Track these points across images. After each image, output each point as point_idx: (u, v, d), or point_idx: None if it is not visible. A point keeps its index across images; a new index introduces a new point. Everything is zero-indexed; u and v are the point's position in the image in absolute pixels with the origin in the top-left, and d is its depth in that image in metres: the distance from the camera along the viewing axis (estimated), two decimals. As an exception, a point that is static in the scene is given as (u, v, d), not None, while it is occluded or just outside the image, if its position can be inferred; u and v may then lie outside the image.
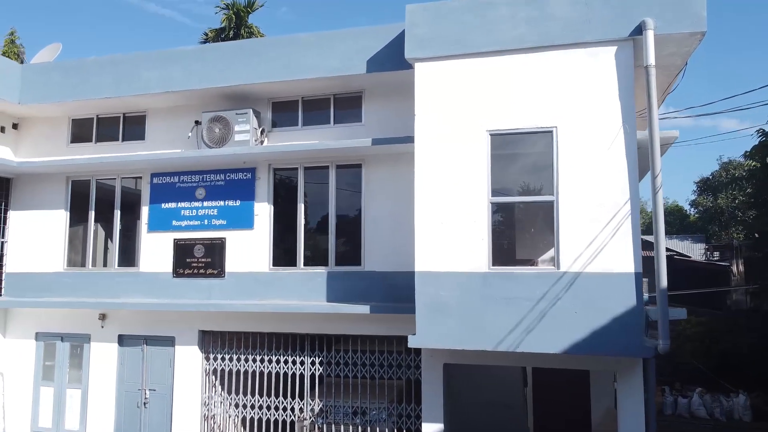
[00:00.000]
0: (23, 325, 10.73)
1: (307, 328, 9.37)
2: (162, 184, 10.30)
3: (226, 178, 10.00)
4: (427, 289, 7.76)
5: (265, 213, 9.79)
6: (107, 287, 10.36)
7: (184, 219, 10.12)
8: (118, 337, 10.21)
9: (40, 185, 10.96)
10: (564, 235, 7.39)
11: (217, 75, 9.49)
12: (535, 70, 7.69)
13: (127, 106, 10.52)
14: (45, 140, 11.07)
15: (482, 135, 7.79)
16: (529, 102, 7.67)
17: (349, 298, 9.19)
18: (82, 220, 10.84)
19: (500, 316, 7.46)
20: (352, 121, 9.63)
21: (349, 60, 8.90)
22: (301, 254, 9.62)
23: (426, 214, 7.88)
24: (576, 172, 7.41)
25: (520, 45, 7.72)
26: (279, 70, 9.20)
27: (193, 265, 9.98)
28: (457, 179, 7.80)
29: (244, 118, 9.49)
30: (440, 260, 7.76)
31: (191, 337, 9.84)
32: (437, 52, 8.01)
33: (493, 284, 7.55)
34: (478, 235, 7.68)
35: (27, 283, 10.80)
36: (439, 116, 7.97)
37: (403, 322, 8.81)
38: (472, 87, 7.89)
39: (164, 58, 9.84)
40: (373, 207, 9.33)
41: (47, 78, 10.35)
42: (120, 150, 10.62)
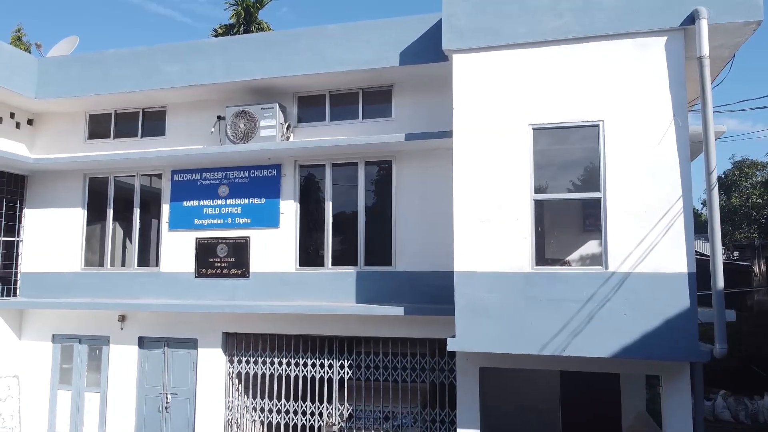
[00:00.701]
0: (39, 326, 10.39)
1: (335, 330, 9.05)
2: (183, 181, 9.98)
3: (250, 175, 9.67)
4: (466, 290, 7.44)
5: (291, 211, 9.47)
6: (126, 288, 10.04)
7: (207, 217, 9.80)
8: (139, 339, 9.88)
9: (56, 183, 10.63)
10: (612, 234, 7.07)
11: (242, 68, 9.16)
12: (579, 61, 7.37)
13: (147, 101, 10.19)
14: (61, 136, 10.74)
15: (524, 129, 7.47)
16: (573, 95, 7.35)
17: (379, 299, 8.87)
18: (100, 218, 10.52)
19: (545, 318, 7.14)
20: (382, 116, 9.31)
21: (382, 52, 8.59)
22: (328, 254, 9.30)
23: (465, 212, 7.56)
24: (624, 168, 7.09)
25: (564, 36, 7.40)
26: (307, 63, 8.88)
27: (216, 265, 9.65)
28: (497, 175, 7.48)
29: (270, 112, 9.17)
30: (481, 260, 7.44)
31: (214, 339, 9.52)
32: (476, 44, 7.69)
33: (536, 285, 7.24)
34: (520, 233, 7.36)
35: (43, 283, 10.48)
36: (479, 110, 7.65)
37: (436, 324, 8.52)
38: (513, 79, 7.57)
39: (187, 51, 9.52)
40: (404, 205, 9.01)
41: (65, 72, 10.02)
42: (139, 146, 10.29)
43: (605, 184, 7.14)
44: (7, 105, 10.29)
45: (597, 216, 7.49)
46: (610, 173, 7.13)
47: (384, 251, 9.14)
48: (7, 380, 10.06)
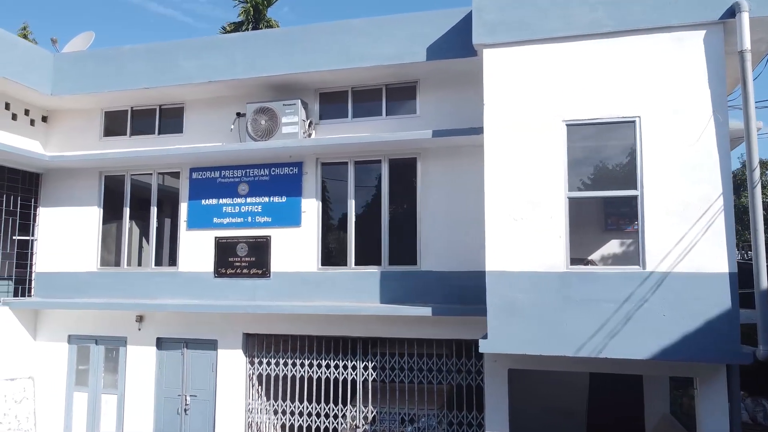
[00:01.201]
0: (55, 327, 10.21)
1: (358, 331, 8.87)
2: (202, 179, 9.79)
3: (270, 172, 9.49)
4: (499, 290, 7.26)
5: (313, 209, 9.29)
6: (143, 288, 9.85)
7: (226, 216, 9.61)
8: (157, 340, 9.70)
9: (71, 181, 10.44)
10: (650, 233, 6.89)
11: (263, 64, 8.97)
12: (614, 56, 7.18)
13: (164, 98, 9.99)
14: (76, 134, 10.55)
15: (558, 125, 7.29)
16: (608, 90, 7.17)
17: (404, 299, 8.69)
18: (116, 217, 10.33)
19: (580, 319, 6.96)
20: (406, 112, 9.13)
21: (407, 47, 8.40)
22: (351, 253, 9.11)
23: (497, 210, 7.38)
24: (662, 165, 6.90)
25: (598, 30, 7.21)
26: (331, 59, 8.69)
27: (236, 265, 9.47)
28: (530, 172, 7.30)
29: (292, 109, 8.98)
30: (513, 259, 7.26)
31: (235, 340, 9.34)
32: (508, 38, 7.51)
33: (571, 285, 7.06)
34: (554, 232, 7.18)
35: (58, 283, 10.29)
36: (511, 106, 7.46)
37: (462, 325, 8.36)
38: (546, 74, 7.38)
39: (205, 47, 9.33)
40: (429, 203, 8.83)
41: (81, 67, 9.83)
42: (156, 144, 10.10)
43: (642, 182, 6.95)
44: (22, 101, 10.10)
45: (619, 215, 7.34)
46: (647, 170, 6.95)
47: (408, 250, 8.96)
48: (23, 382, 9.87)
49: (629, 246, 8.89)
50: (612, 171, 7.43)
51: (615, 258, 8.49)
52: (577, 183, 7.30)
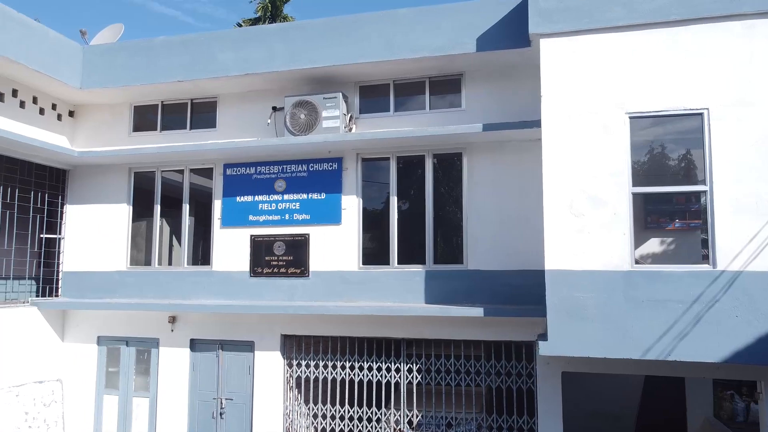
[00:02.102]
0: (84, 328, 9.89)
1: (401, 332, 8.57)
2: (236, 175, 9.47)
3: (309, 168, 9.18)
4: (560, 291, 6.94)
5: (354, 207, 8.97)
6: (176, 288, 9.54)
7: (262, 213, 9.30)
8: (190, 341, 9.38)
9: (99, 177, 10.12)
10: (720, 230, 6.57)
11: (303, 56, 8.65)
12: (681, 45, 6.86)
13: (196, 92, 9.67)
14: (104, 129, 10.23)
15: (621, 118, 6.97)
16: (674, 81, 6.85)
17: (449, 300, 8.38)
18: (147, 214, 10.02)
19: (647, 320, 6.65)
20: (451, 106, 8.81)
21: (456, 38, 8.08)
22: (394, 252, 8.79)
23: (557, 207, 7.06)
24: (732, 159, 6.58)
25: (664, 18, 6.89)
26: (375, 50, 8.37)
27: (272, 264, 9.16)
28: (592, 167, 6.98)
29: (332, 102, 8.67)
30: (575, 258, 6.94)
31: (272, 341, 9.02)
32: (567, 27, 7.19)
33: (637, 284, 6.74)
34: (618, 228, 6.86)
35: (86, 282, 9.97)
36: (570, 98, 7.15)
37: (512, 326, 8.07)
38: (608, 65, 7.07)
39: (243, 38, 9.02)
40: (476, 199, 8.51)
41: (111, 60, 9.50)
42: (188, 139, 9.79)
43: (711, 177, 6.64)
44: (50, 95, 9.78)
45: (659, 213, 7.05)
46: (716, 165, 6.63)
47: (454, 249, 8.66)
48: (51, 384, 9.56)
49: (669, 245, 8.60)
50: (678, 165, 7.12)
51: (654, 257, 8.18)
52: (641, 177, 6.99)
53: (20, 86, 9.25)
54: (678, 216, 7.99)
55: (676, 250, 8.52)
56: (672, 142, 7.18)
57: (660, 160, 7.23)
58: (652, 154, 7.20)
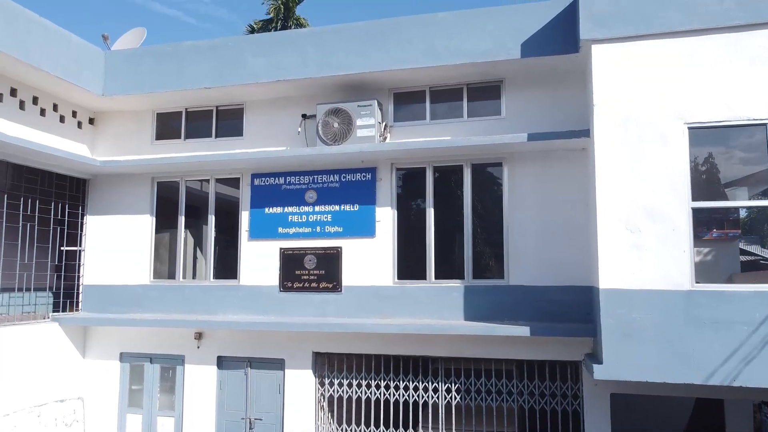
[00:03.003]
0: (106, 344, 9.54)
1: (440, 351, 8.21)
2: (265, 186, 9.12)
3: (341, 179, 8.82)
4: (616, 311, 6.57)
5: (388, 219, 8.62)
6: (202, 302, 9.19)
7: (292, 225, 8.94)
8: (217, 358, 9.03)
9: (121, 187, 9.78)
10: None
11: (338, 62, 8.30)
12: (744, 52, 6.50)
13: (222, 99, 9.33)
14: (126, 137, 9.88)
15: (679, 128, 6.61)
16: (736, 90, 6.49)
17: (490, 317, 8.02)
18: (170, 226, 9.66)
19: (710, 343, 6.28)
20: (490, 113, 8.44)
21: (500, 43, 7.72)
22: (431, 266, 8.43)
23: (611, 222, 6.70)
24: (801, 173, 6.24)
25: (726, 23, 6.53)
26: (414, 56, 8.01)
27: (303, 278, 8.80)
28: (649, 180, 6.62)
29: (367, 110, 8.31)
30: (632, 276, 6.58)
31: (304, 359, 8.67)
32: (621, 32, 6.83)
33: (699, 304, 6.38)
34: (678, 245, 6.50)
35: (108, 296, 9.63)
36: (625, 107, 6.78)
37: (558, 345, 7.70)
38: (665, 73, 6.70)
39: (274, 43, 8.66)
40: (518, 211, 8.15)
41: (135, 66, 9.16)
42: (213, 148, 9.44)
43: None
44: (70, 102, 9.44)
45: (696, 222, 6.70)
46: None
47: (495, 263, 8.30)
48: (72, 403, 9.21)
49: (706, 255, 8.24)
50: (741, 178, 6.76)
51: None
52: (701, 191, 6.63)
53: (41, 93, 8.91)
54: (716, 225, 7.64)
55: (713, 261, 8.18)
56: (734, 153, 6.81)
57: (721, 172, 6.86)
58: (713, 166, 6.84)
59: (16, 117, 8.54)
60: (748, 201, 6.70)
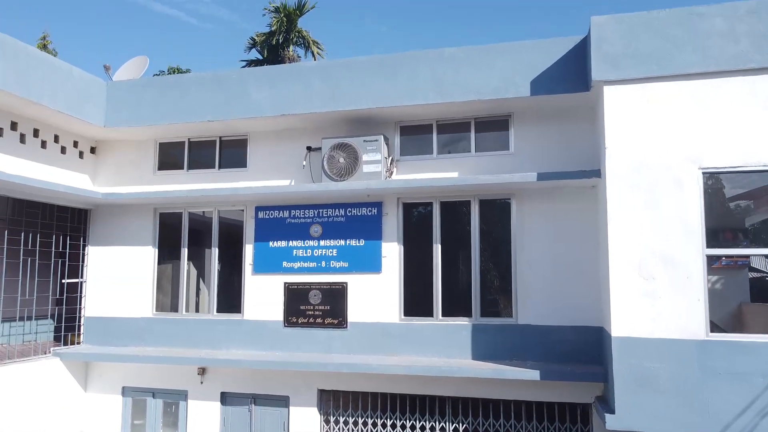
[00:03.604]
0: (108, 378, 9.41)
1: (448, 391, 8.08)
2: (269, 219, 8.99)
3: (347, 213, 8.69)
4: (629, 359, 6.45)
5: (395, 254, 8.48)
6: (205, 336, 9.06)
7: (297, 260, 8.81)
8: (221, 394, 8.90)
9: (123, 217, 9.64)
10: (805, 298, 6.09)
11: (345, 96, 8.17)
12: (760, 95, 6.37)
13: (225, 129, 9.19)
14: (128, 167, 9.74)
15: (693, 173, 6.47)
16: (753, 135, 6.36)
17: (498, 356, 7.89)
18: (173, 257, 9.53)
19: (725, 394, 6.16)
20: (498, 148, 8.31)
21: (510, 80, 7.59)
22: (438, 303, 8.30)
23: (624, 268, 6.57)
24: (819, 221, 6.11)
25: (742, 66, 6.41)
26: (423, 92, 7.87)
27: (308, 314, 8.67)
28: (662, 226, 6.49)
29: (374, 146, 8.18)
30: (645, 324, 6.45)
31: (309, 396, 8.54)
32: (634, 74, 6.69)
33: (714, 355, 6.25)
34: (692, 294, 6.37)
35: (110, 328, 9.50)
36: (637, 150, 6.65)
37: (569, 387, 7.57)
38: (679, 115, 6.57)
39: (279, 76, 8.54)
40: (526, 248, 8.01)
41: (137, 97, 9.03)
42: (217, 179, 9.31)
43: (795, 239, 6.16)
44: (72, 133, 9.31)
45: None
46: (800, 226, 6.15)
47: (503, 301, 8.18)
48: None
49: (714, 284, 8.13)
50: (757, 224, 6.63)
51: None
52: (715, 237, 6.50)
53: (42, 125, 8.79)
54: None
55: (723, 289, 8.07)
56: (751, 199, 6.69)
57: (736, 218, 6.73)
58: (728, 212, 6.71)
59: (17, 151, 8.41)
60: (760, 249, 6.56)
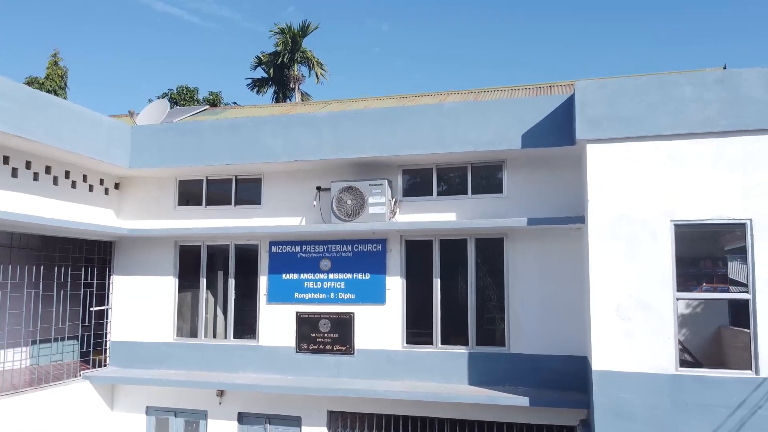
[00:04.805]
0: (132, 398, 10.20)
1: (446, 413, 8.87)
2: (282, 253, 9.77)
3: (353, 249, 9.46)
4: (607, 391, 7.23)
5: (398, 287, 9.26)
6: (223, 361, 9.84)
7: (308, 291, 9.59)
8: (238, 414, 9.70)
9: (145, 249, 10.41)
10: (763, 338, 6.85)
11: (353, 144, 8.93)
12: (726, 155, 7.12)
13: (241, 170, 9.94)
14: (150, 202, 10.51)
15: (666, 225, 7.24)
16: (719, 191, 7.11)
17: (493, 382, 8.68)
18: (192, 286, 10.30)
19: (693, 423, 6.94)
20: (492, 191, 9.08)
21: (503, 133, 8.35)
22: (437, 332, 9.09)
23: (604, 309, 7.34)
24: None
25: (710, 129, 7.16)
26: (425, 142, 8.63)
27: (318, 341, 9.46)
28: (638, 272, 7.26)
29: (378, 189, 8.94)
30: (621, 359, 7.23)
31: (319, 417, 9.34)
32: (614, 134, 7.45)
33: (683, 388, 7.03)
34: (664, 333, 7.14)
35: (134, 352, 10.28)
36: (616, 203, 7.41)
37: (556, 411, 8.34)
38: (654, 172, 7.33)
39: (291, 123, 9.29)
40: (518, 283, 8.80)
41: (159, 141, 9.78)
42: (233, 214, 10.08)
43: (755, 286, 6.92)
44: (98, 172, 10.07)
45: (687, 276, 7.24)
46: (759, 274, 6.90)
47: (497, 331, 8.96)
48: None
49: (696, 308, 8.94)
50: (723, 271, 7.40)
51: (684, 318, 8.52)
52: (685, 282, 7.27)
53: (72, 167, 9.53)
54: (705, 279, 8.28)
55: (703, 312, 8.86)
56: (718, 249, 7.45)
57: (704, 265, 7.50)
58: (697, 260, 7.47)
59: (51, 192, 9.15)
60: (728, 294, 7.33)
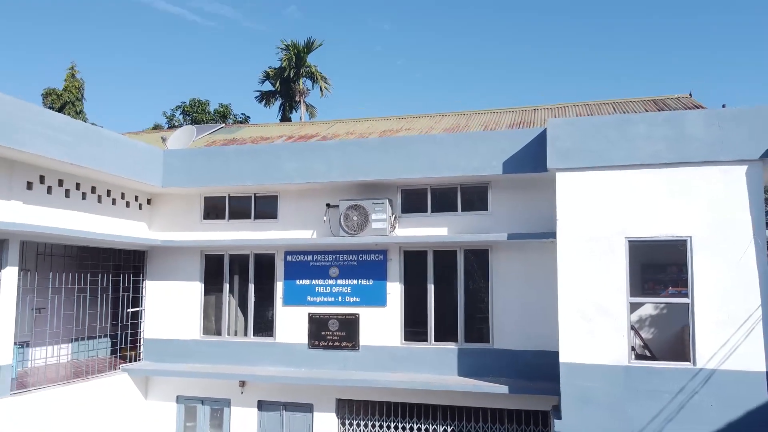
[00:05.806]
0: (164, 388, 11.62)
1: (439, 400, 10.30)
2: (296, 261, 11.18)
3: (358, 258, 10.88)
4: (573, 380, 8.67)
5: (397, 292, 10.69)
6: (244, 355, 11.26)
7: (319, 295, 11.01)
8: (258, 402, 11.12)
9: (174, 257, 11.82)
10: (700, 335, 8.28)
11: (357, 168, 10.34)
12: (671, 183, 8.54)
13: (260, 189, 11.36)
14: (179, 216, 11.92)
15: (621, 241, 8.67)
16: (665, 213, 8.53)
17: (480, 373, 10.10)
18: (217, 290, 11.72)
19: (642, 406, 8.37)
20: (479, 209, 10.50)
21: (488, 161, 9.77)
22: (431, 331, 10.53)
23: (569, 311, 8.77)
24: (710, 278, 8.29)
25: (658, 161, 8.58)
26: (420, 168, 10.06)
27: (327, 338, 10.88)
28: (598, 280, 8.69)
29: (381, 207, 10.36)
30: (584, 353, 8.66)
31: (328, 404, 10.77)
32: (579, 164, 8.88)
33: (635, 377, 8.46)
34: (619, 331, 8.58)
35: (165, 348, 11.68)
36: (581, 222, 8.84)
37: (532, 398, 9.76)
38: (611, 196, 8.75)
39: (304, 150, 10.71)
40: (501, 288, 10.23)
41: (188, 164, 11.19)
42: (252, 227, 11.49)
43: (693, 293, 8.35)
44: (134, 190, 11.46)
45: (656, 281, 8.55)
46: (697, 283, 8.34)
47: (482, 330, 10.38)
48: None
49: (662, 309, 10.37)
50: (668, 281, 8.83)
51: (651, 319, 9.97)
52: (637, 288, 8.71)
53: (112, 186, 10.94)
54: (671, 284, 9.71)
55: (668, 314, 10.26)
56: (664, 262, 8.88)
57: (653, 275, 8.93)
58: (648, 271, 8.90)
59: (95, 209, 10.56)
60: (672, 298, 8.77)
